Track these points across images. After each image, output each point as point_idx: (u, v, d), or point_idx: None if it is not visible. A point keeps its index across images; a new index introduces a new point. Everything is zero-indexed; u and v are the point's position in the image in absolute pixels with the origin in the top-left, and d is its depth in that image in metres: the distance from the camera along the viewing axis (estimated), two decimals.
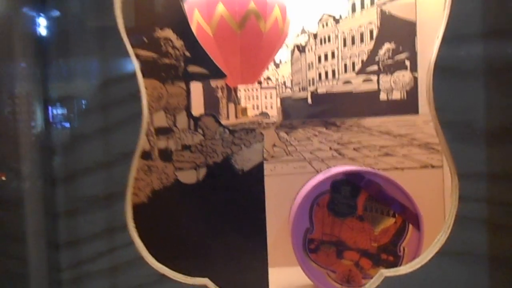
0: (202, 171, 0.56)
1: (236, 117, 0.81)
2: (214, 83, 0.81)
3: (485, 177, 0.43)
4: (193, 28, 0.68)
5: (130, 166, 0.42)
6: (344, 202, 0.53)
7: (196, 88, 0.80)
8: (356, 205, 0.52)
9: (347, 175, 0.53)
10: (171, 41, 0.55)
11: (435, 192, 0.66)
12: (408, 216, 0.52)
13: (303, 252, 0.52)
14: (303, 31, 0.77)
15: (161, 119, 0.55)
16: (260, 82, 0.90)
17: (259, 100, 0.89)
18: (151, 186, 0.56)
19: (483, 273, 0.43)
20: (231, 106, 0.81)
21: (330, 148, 0.66)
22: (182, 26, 0.55)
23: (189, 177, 0.55)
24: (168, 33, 0.55)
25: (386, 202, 0.52)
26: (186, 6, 0.64)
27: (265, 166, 0.67)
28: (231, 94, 0.81)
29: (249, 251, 0.55)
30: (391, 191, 0.52)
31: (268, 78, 0.90)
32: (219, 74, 0.57)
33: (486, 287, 0.43)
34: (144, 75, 0.42)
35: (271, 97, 0.91)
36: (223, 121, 0.71)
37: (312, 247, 0.53)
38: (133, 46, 0.42)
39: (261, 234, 0.55)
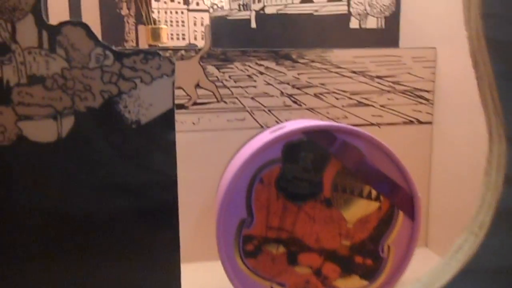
0: (67, 122, 0.33)
1: (149, 44, 0.57)
2: None
3: None
4: None
5: None
6: (303, 178, 0.33)
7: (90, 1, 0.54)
8: (322, 183, 0.33)
9: (309, 134, 0.32)
10: None
11: (420, 158, 0.48)
12: (400, 198, 0.34)
13: (235, 256, 0.32)
14: None
15: None
16: (187, 2, 0.65)
17: (185, 27, 0.65)
18: None
19: None
20: (143, 30, 0.57)
21: (282, 93, 0.45)
22: None
23: (43, 131, 0.32)
24: None
25: (368, 178, 0.33)
26: None
27: (183, 117, 0.45)
28: (143, 11, 0.56)
29: (150, 244, 0.34)
30: (377, 160, 0.33)
31: None
32: None
33: None
34: None
35: (202, 24, 0.67)
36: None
37: (249, 249, 0.33)
38: None
39: (169, 223, 0.35)
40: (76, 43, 0.32)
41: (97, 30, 0.57)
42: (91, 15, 0.56)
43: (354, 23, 0.53)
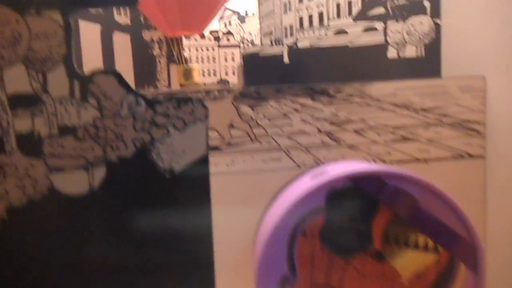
0: (99, 173, 0.31)
1: (181, 84, 0.56)
2: (147, 35, 0.55)
3: None
4: None
5: None
6: (350, 229, 0.30)
7: (121, 40, 0.55)
8: (371, 233, 0.30)
9: (356, 180, 0.29)
10: None
11: (473, 196, 0.44)
12: (460, 249, 0.30)
13: None
14: None
15: (19, 80, 0.30)
16: (218, 39, 0.65)
17: (216, 63, 0.65)
18: (6, 200, 0.31)
19: None
20: (174, 69, 0.56)
21: (320, 130, 0.43)
22: None
23: (74, 183, 0.31)
24: None
25: (424, 227, 0.30)
26: None
27: (216, 159, 0.43)
28: (174, 51, 0.56)
29: None
30: (433, 207, 0.30)
31: (229, 33, 0.65)
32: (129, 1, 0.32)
33: None
34: None
35: (233, 59, 0.66)
36: (162, 90, 0.47)
37: None
38: None
39: (205, 280, 0.32)
40: (108, 91, 0.31)
41: (129, 70, 0.57)
42: (123, 56, 0.56)
43: (392, 53, 0.50)
